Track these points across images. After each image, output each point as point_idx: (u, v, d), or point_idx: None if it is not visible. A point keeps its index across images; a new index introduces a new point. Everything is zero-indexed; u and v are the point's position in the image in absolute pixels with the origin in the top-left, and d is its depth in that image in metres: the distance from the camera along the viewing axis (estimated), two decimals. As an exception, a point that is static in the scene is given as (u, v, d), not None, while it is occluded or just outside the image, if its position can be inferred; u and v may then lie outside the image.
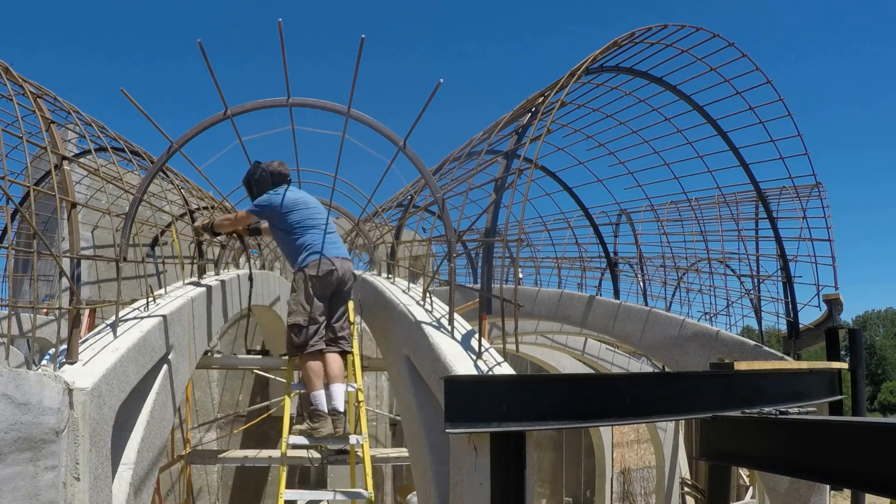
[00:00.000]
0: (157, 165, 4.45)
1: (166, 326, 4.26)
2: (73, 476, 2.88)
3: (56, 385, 2.83)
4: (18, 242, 9.91)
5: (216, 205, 8.30)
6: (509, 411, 3.00)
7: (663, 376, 6.20)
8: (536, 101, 5.76)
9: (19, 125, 3.67)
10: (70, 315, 3.44)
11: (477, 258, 13.30)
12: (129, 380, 3.57)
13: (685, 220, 10.58)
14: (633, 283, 12.21)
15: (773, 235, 7.87)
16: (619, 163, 8.13)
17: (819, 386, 4.59)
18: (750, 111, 6.79)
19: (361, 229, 8.24)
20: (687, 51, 6.30)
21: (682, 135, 7.38)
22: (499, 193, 5.04)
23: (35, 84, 4.52)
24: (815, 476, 3.66)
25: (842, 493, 12.90)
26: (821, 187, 9.03)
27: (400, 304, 4.91)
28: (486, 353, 3.73)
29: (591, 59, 5.68)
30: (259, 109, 4.32)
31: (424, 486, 3.99)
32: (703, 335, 7.59)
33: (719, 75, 6.48)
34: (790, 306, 7.72)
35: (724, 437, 3.45)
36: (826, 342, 7.14)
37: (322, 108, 4.35)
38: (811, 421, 3.03)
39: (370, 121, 4.34)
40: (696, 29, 6.11)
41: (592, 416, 3.35)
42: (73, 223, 3.71)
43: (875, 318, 57.01)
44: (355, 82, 4.00)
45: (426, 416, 4.06)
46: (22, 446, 2.58)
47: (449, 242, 4.29)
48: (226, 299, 6.42)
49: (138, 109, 3.88)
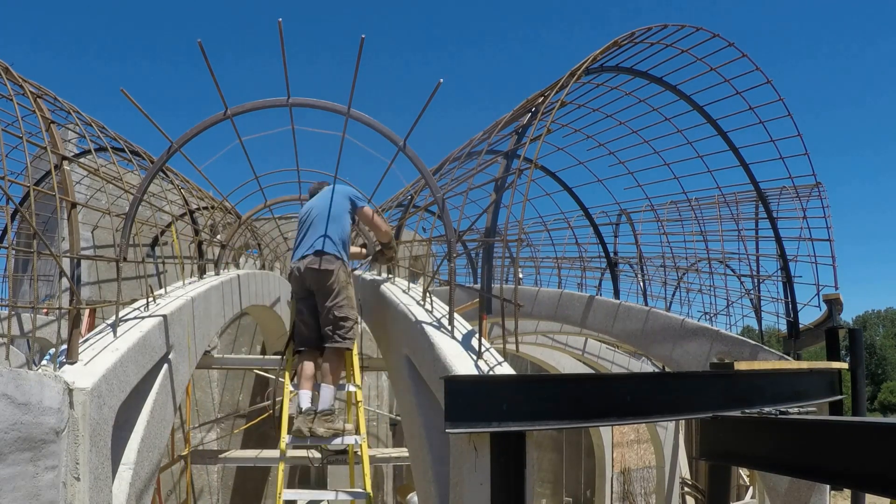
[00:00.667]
0: (157, 165, 4.45)
1: (166, 326, 4.26)
2: (74, 476, 2.88)
3: (56, 385, 2.83)
4: (18, 242, 9.91)
5: (216, 205, 8.30)
6: (509, 411, 3.00)
7: (663, 376, 6.19)
8: (536, 100, 5.75)
9: (19, 125, 3.67)
10: (70, 315, 3.44)
11: (477, 258, 13.30)
12: (129, 380, 3.57)
13: (685, 220, 10.58)
14: (634, 283, 12.22)
15: (773, 235, 7.87)
16: (619, 163, 8.13)
17: (819, 386, 4.59)
18: (750, 111, 6.79)
19: (361, 229, 8.23)
20: (687, 51, 6.29)
21: (683, 135, 7.38)
22: (499, 193, 5.04)
23: (35, 84, 4.52)
24: (815, 476, 3.66)
25: (842, 493, 12.90)
26: (821, 187, 9.03)
27: (400, 303, 4.91)
28: (487, 352, 3.72)
29: (591, 58, 5.68)
30: (259, 109, 4.31)
31: (424, 486, 3.99)
32: (704, 334, 7.58)
33: (719, 75, 6.48)
34: (790, 306, 7.72)
35: (724, 437, 3.44)
36: (826, 342, 7.14)
37: (322, 108, 4.34)
38: (811, 421, 3.03)
39: (370, 121, 4.34)
40: (696, 29, 6.11)
41: (592, 416, 3.34)
42: (73, 223, 3.71)
43: (875, 318, 57.02)
44: (355, 82, 4.00)
45: (426, 415, 4.06)
46: (22, 446, 2.58)
47: (449, 242, 4.28)
48: (226, 299, 6.42)
49: (138, 109, 3.88)
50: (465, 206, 5.16)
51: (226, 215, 8.85)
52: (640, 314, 8.37)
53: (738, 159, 7.38)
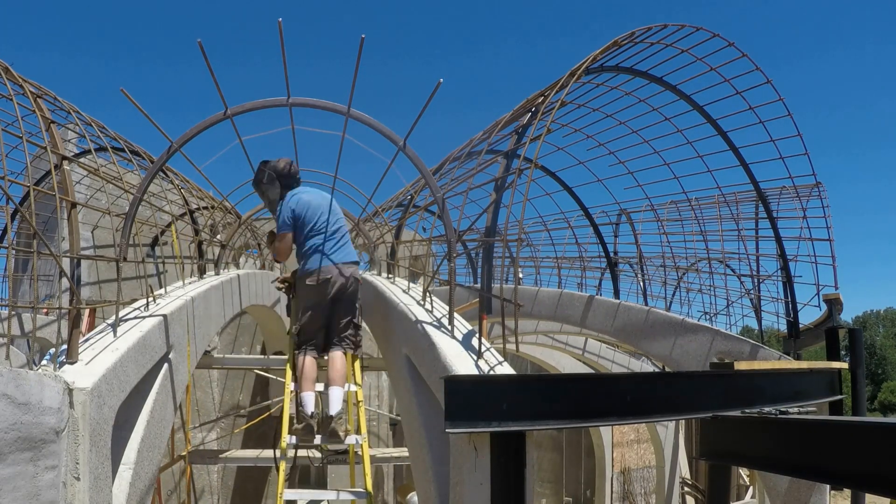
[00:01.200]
0: (157, 165, 4.44)
1: (166, 326, 4.26)
2: (74, 476, 2.88)
3: (56, 385, 2.83)
4: (18, 242, 9.91)
5: (216, 204, 8.31)
6: (509, 411, 3.00)
7: (663, 376, 6.19)
8: (536, 100, 5.75)
9: (19, 125, 3.67)
10: (70, 315, 3.44)
11: (477, 258, 13.30)
12: (129, 380, 3.57)
13: (685, 219, 10.58)
14: (633, 282, 12.22)
15: (773, 235, 7.87)
16: (619, 162, 8.13)
17: (819, 386, 4.59)
18: (750, 111, 6.79)
19: (361, 229, 8.23)
20: (687, 51, 6.29)
21: (683, 135, 7.38)
22: (499, 193, 5.04)
23: (35, 84, 4.52)
24: (814, 476, 3.66)
25: (842, 493, 12.90)
26: (821, 187, 9.03)
27: (400, 303, 4.91)
28: (487, 352, 3.72)
29: (591, 58, 5.68)
30: (259, 109, 4.31)
31: (424, 486, 3.99)
32: (704, 333, 7.58)
33: (719, 75, 6.48)
34: (790, 306, 7.72)
35: (724, 437, 3.45)
36: (826, 342, 7.15)
37: (322, 107, 4.34)
38: (811, 421, 3.03)
39: (370, 120, 4.34)
40: (696, 29, 6.10)
41: (592, 416, 3.34)
42: (73, 223, 3.71)
43: (875, 318, 57.01)
44: (355, 82, 3.99)
45: (426, 415, 4.06)
46: (22, 446, 2.58)
47: (449, 242, 4.28)
48: (226, 299, 6.42)
49: (138, 109, 3.88)
50: (465, 206, 5.16)
51: (226, 215, 8.86)
52: (640, 314, 8.37)
53: (738, 159, 7.38)
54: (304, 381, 4.73)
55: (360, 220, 8.18)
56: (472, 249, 13.13)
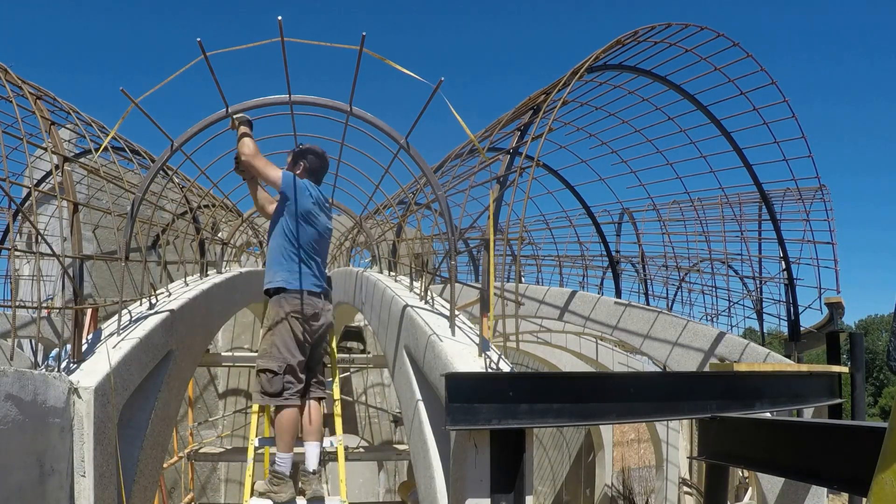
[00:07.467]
0: (158, 164, 4.45)
1: (169, 325, 4.27)
2: (79, 474, 2.90)
3: (60, 385, 2.85)
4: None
5: (217, 203, 8.32)
6: (509, 409, 3.01)
7: (663, 376, 6.19)
8: (539, 98, 5.75)
9: (19, 126, 3.68)
10: (73, 315, 3.46)
11: (478, 256, 13.30)
12: (132, 378, 3.59)
13: (688, 219, 10.57)
14: (635, 282, 12.22)
15: (776, 237, 7.85)
16: (621, 161, 8.11)
17: (818, 389, 4.59)
18: (754, 111, 6.76)
19: (363, 227, 8.24)
20: (691, 50, 6.26)
21: (686, 134, 7.36)
22: (501, 191, 5.04)
23: (34, 85, 4.52)
24: (812, 479, 3.66)
25: (839, 496, 12.90)
26: (824, 190, 9.00)
27: (402, 301, 4.92)
28: (487, 350, 3.74)
29: (594, 57, 5.67)
30: (260, 107, 4.30)
31: (426, 483, 4.00)
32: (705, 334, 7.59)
33: (723, 75, 6.45)
34: (792, 308, 7.71)
35: (723, 438, 3.45)
36: (827, 346, 7.13)
37: (324, 105, 4.33)
38: (809, 423, 3.04)
39: (372, 118, 4.33)
40: (700, 28, 6.08)
41: (592, 415, 3.36)
42: (74, 224, 3.73)
43: (878, 322, 56.73)
44: (356, 80, 3.99)
45: (427, 412, 4.07)
46: (28, 446, 2.60)
47: (450, 240, 4.29)
48: (228, 297, 6.44)
49: (138, 109, 3.88)
50: (467, 204, 5.16)
51: (227, 214, 8.87)
52: (640, 313, 8.38)
53: (742, 160, 7.36)
54: (285, 439, 3.85)
55: (362, 217, 8.19)
56: (473, 247, 13.14)
